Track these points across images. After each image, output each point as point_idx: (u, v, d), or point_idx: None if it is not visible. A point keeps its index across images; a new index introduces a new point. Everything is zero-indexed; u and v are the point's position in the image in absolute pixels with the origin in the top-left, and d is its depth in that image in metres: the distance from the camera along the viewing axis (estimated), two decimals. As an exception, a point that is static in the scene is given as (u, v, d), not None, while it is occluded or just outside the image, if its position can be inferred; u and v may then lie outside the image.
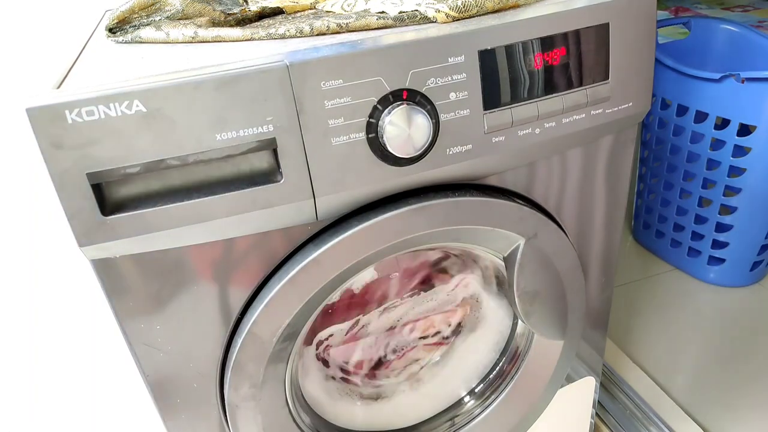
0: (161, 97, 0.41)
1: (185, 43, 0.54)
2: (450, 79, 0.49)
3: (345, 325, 0.68)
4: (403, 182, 0.51)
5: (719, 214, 1.17)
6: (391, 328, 0.71)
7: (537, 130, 0.54)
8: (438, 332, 0.73)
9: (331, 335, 0.68)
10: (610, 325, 1.15)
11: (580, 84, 0.54)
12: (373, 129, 0.47)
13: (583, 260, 0.67)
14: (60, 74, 0.47)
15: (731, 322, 1.16)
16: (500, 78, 0.50)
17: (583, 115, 0.55)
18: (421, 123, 0.48)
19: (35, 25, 0.83)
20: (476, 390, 0.72)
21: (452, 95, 0.49)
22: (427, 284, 0.70)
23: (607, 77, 0.55)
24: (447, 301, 0.72)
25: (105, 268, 0.47)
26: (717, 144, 1.12)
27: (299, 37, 0.52)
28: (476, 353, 0.72)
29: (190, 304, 0.51)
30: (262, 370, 0.53)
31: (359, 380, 0.72)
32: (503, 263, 0.61)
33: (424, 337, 0.73)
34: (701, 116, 1.12)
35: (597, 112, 0.56)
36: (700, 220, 1.22)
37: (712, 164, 1.14)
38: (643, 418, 0.94)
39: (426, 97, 0.48)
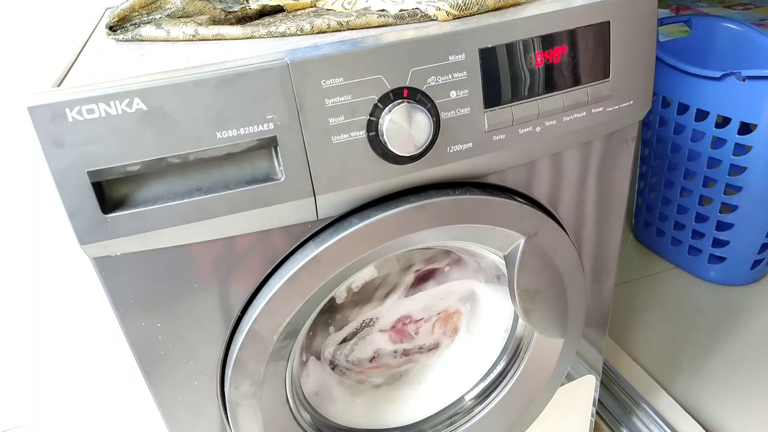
0: (162, 95, 0.41)
1: (186, 41, 0.54)
2: (450, 77, 0.49)
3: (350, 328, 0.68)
4: (403, 180, 0.51)
5: (720, 212, 1.17)
6: (392, 327, 0.71)
7: (538, 129, 0.54)
8: (438, 331, 0.74)
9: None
10: (611, 324, 1.15)
11: (581, 82, 0.54)
12: (373, 127, 0.47)
13: (583, 258, 0.67)
14: (60, 72, 0.47)
15: (732, 321, 1.16)
16: (501, 76, 0.50)
17: (584, 113, 0.55)
18: (422, 121, 0.47)
19: (35, 24, 0.83)
20: (476, 388, 0.72)
21: (453, 93, 0.49)
22: (426, 283, 0.70)
23: (607, 75, 0.55)
24: (446, 300, 0.72)
25: (106, 266, 0.47)
26: (718, 142, 1.12)
27: (300, 35, 0.52)
28: (476, 351, 0.73)
29: (190, 302, 0.51)
30: (262, 368, 0.53)
31: (365, 375, 0.72)
32: (503, 261, 0.61)
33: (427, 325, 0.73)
34: (702, 114, 1.12)
35: (598, 110, 0.56)
36: (700, 218, 1.22)
37: (712, 162, 1.14)
38: (643, 416, 0.94)
39: (426, 95, 0.48)
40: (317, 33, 0.52)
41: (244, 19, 0.59)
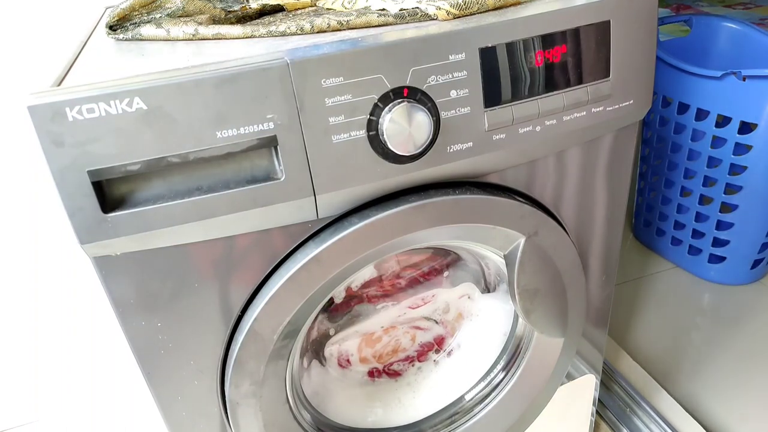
0: (162, 94, 0.41)
1: (186, 40, 0.54)
2: (451, 76, 0.49)
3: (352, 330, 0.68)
4: (403, 180, 0.51)
5: (720, 212, 1.17)
6: (390, 327, 0.71)
7: (538, 128, 0.54)
8: (438, 332, 0.74)
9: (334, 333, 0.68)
10: (611, 324, 1.15)
11: (581, 81, 0.54)
12: (373, 126, 0.47)
13: (583, 258, 0.67)
14: (61, 72, 0.47)
15: (732, 321, 1.16)
16: (501, 75, 0.50)
17: (584, 112, 0.55)
18: (422, 121, 0.47)
19: (36, 23, 0.83)
20: (476, 388, 0.72)
21: (453, 93, 0.49)
22: (425, 282, 0.70)
23: (608, 75, 0.55)
24: (446, 300, 0.72)
25: (106, 266, 0.47)
26: (718, 142, 1.12)
27: (300, 34, 0.52)
28: (476, 351, 0.73)
29: (190, 301, 0.51)
30: (262, 368, 0.53)
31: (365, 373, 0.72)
32: (504, 261, 0.61)
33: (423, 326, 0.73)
34: (702, 114, 1.12)
35: (598, 109, 0.56)
36: (700, 218, 1.22)
37: (712, 162, 1.14)
38: (643, 415, 0.94)
39: (427, 94, 0.48)
40: (317, 32, 0.52)
41: (244, 18, 0.59)
